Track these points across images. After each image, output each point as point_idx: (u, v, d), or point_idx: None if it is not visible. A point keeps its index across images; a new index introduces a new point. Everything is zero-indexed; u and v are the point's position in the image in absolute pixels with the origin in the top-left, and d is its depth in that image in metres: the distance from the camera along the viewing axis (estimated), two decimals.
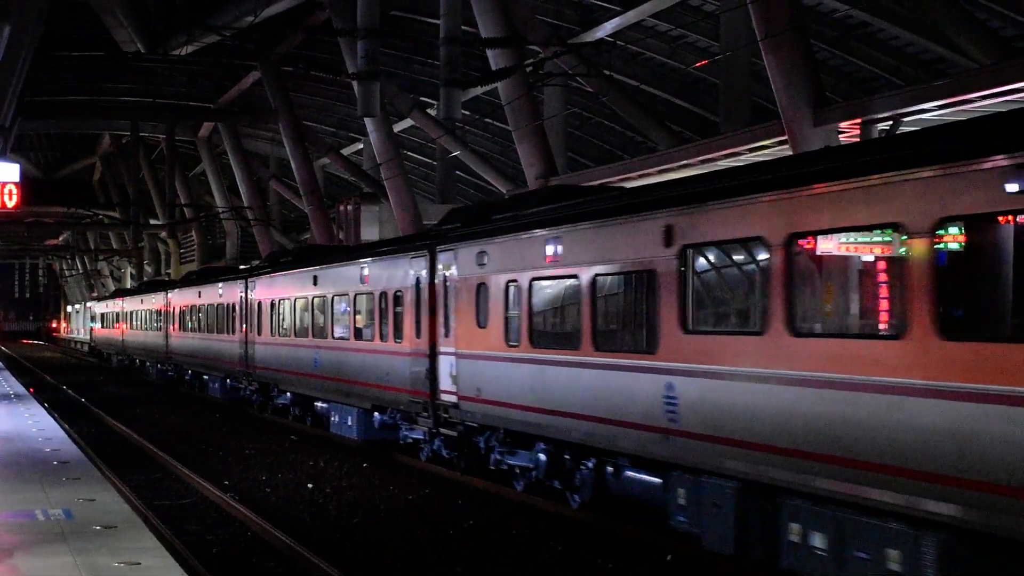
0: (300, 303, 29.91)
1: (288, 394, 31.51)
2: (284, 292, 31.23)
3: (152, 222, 73.57)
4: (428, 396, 21.20)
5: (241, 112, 56.84)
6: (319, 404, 29.31)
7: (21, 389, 38.73)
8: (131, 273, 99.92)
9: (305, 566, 14.21)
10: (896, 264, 10.74)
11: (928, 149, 10.52)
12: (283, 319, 31.38)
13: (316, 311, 28.82)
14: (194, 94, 56.95)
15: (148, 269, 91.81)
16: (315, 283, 28.51)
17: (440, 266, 20.82)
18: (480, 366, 19.10)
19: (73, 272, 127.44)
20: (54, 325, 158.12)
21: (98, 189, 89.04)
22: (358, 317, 25.95)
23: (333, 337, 27.34)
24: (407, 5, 38.56)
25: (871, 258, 11.48)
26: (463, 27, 29.63)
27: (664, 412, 14.07)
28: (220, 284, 38.68)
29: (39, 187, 76.95)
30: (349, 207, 44.26)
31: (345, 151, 57.23)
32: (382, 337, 24.05)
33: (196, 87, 55.82)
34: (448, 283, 20.46)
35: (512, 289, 18.09)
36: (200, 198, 72.01)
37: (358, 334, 25.81)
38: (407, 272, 22.43)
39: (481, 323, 19.10)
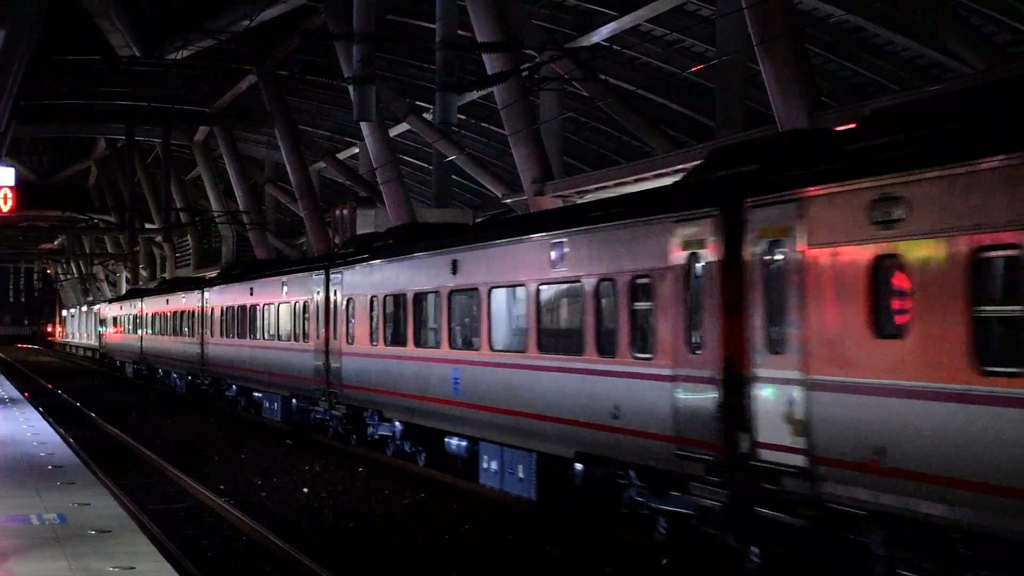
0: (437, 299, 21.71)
1: (397, 424, 23.85)
2: (408, 285, 22.74)
3: (147, 226, 73.51)
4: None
5: (237, 116, 56.79)
6: (459, 443, 21.06)
7: (16, 394, 38.69)
8: (127, 277, 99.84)
9: (301, 570, 14.19)
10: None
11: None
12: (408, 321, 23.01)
13: (456, 308, 20.98)
14: (190, 98, 56.90)
15: (143, 273, 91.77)
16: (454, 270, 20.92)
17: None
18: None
19: (68, 276, 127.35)
20: (49, 329, 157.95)
21: (93, 193, 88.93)
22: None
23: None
24: (403, 9, 38.54)
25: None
26: (459, 31, 29.60)
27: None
28: (287, 278, 31.96)
29: (34, 191, 76.86)
30: (345, 211, 44.23)
31: (341, 155, 57.19)
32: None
33: (192, 91, 55.76)
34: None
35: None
36: (196, 202, 71.95)
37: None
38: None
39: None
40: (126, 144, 62.39)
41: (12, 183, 27.55)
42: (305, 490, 20.93)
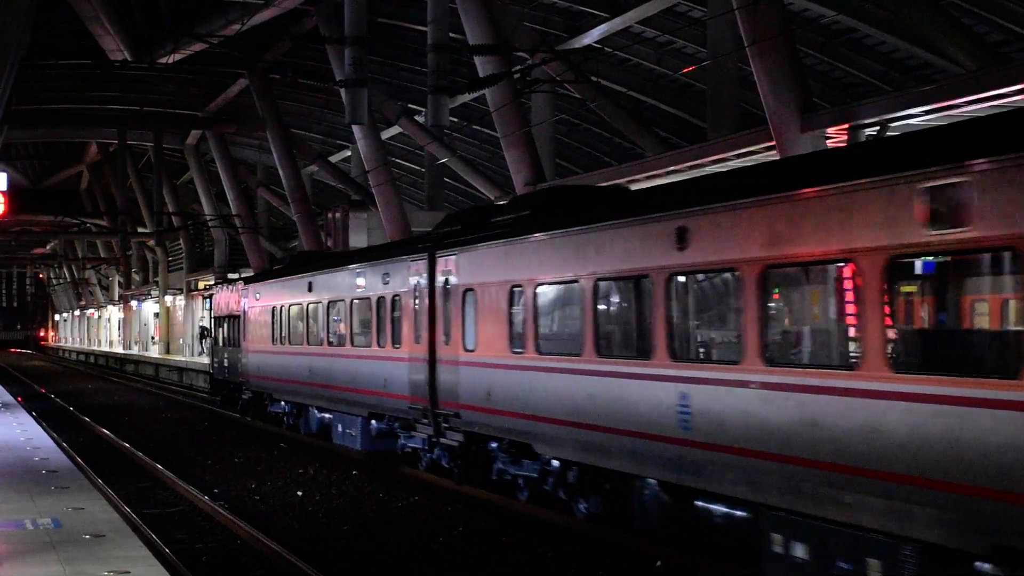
0: None
1: (554, 461, 17.49)
2: (586, 267, 16.26)
3: (140, 230, 73.45)
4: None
5: (228, 120, 56.79)
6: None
7: (9, 398, 38.61)
8: (119, 281, 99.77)
9: (294, 573, 14.19)
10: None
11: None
12: None
13: None
14: (181, 102, 56.86)
15: (136, 277, 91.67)
16: None
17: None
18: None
19: (61, 281, 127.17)
20: (42, 334, 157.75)
21: (85, 197, 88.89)
22: None
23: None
24: (394, 12, 38.55)
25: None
26: (451, 34, 29.62)
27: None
28: (364, 267, 24.90)
29: (26, 196, 76.81)
30: (337, 215, 44.22)
31: (333, 158, 57.19)
32: None
33: (183, 95, 55.73)
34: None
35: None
36: (188, 206, 71.93)
37: None
38: None
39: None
40: (118, 148, 62.39)
41: (4, 188, 27.50)
42: (299, 493, 20.92)
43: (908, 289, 11.06)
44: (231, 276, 55.32)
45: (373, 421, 24.59)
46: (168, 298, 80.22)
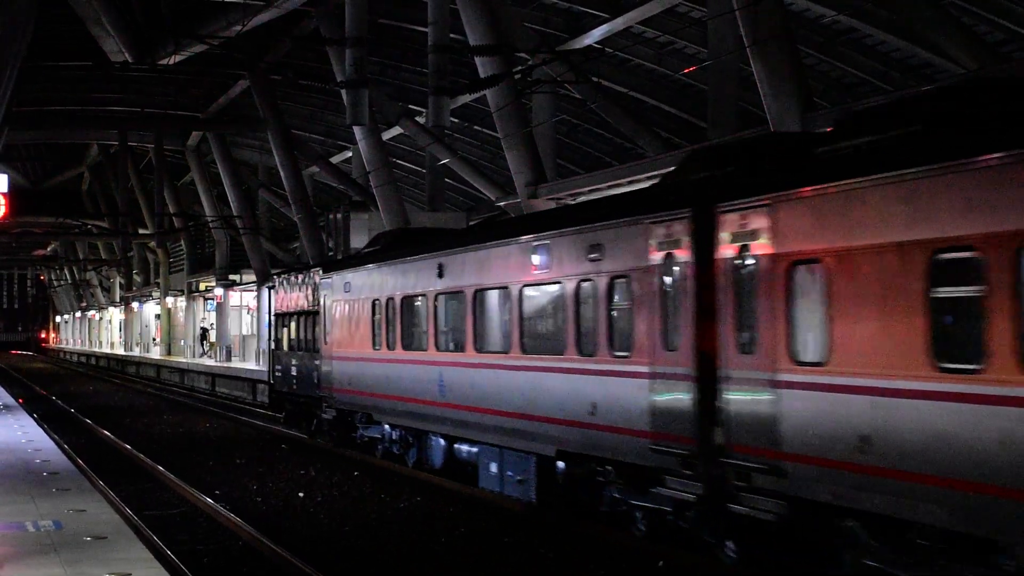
0: None
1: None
2: None
3: (141, 232, 73.47)
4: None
5: (229, 121, 56.81)
6: None
7: (10, 400, 38.62)
8: (120, 283, 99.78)
9: (296, 575, 14.19)
10: None
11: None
12: None
13: None
14: (182, 103, 56.88)
15: (137, 279, 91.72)
16: None
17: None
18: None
19: (62, 282, 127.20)
20: (43, 336, 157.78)
21: (86, 199, 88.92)
22: None
23: None
24: (395, 13, 38.56)
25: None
26: (451, 35, 29.63)
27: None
28: (543, 240, 17.54)
29: (27, 197, 76.81)
30: (338, 215, 44.23)
31: (334, 159, 57.20)
32: None
33: (184, 96, 55.75)
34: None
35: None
36: (189, 207, 71.97)
37: None
38: None
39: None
40: (119, 150, 62.47)
41: (5, 189, 27.54)
42: (300, 494, 20.92)
43: None
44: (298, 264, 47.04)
45: (561, 463, 16.95)
46: (169, 299, 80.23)
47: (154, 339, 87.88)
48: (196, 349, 72.82)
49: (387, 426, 24.05)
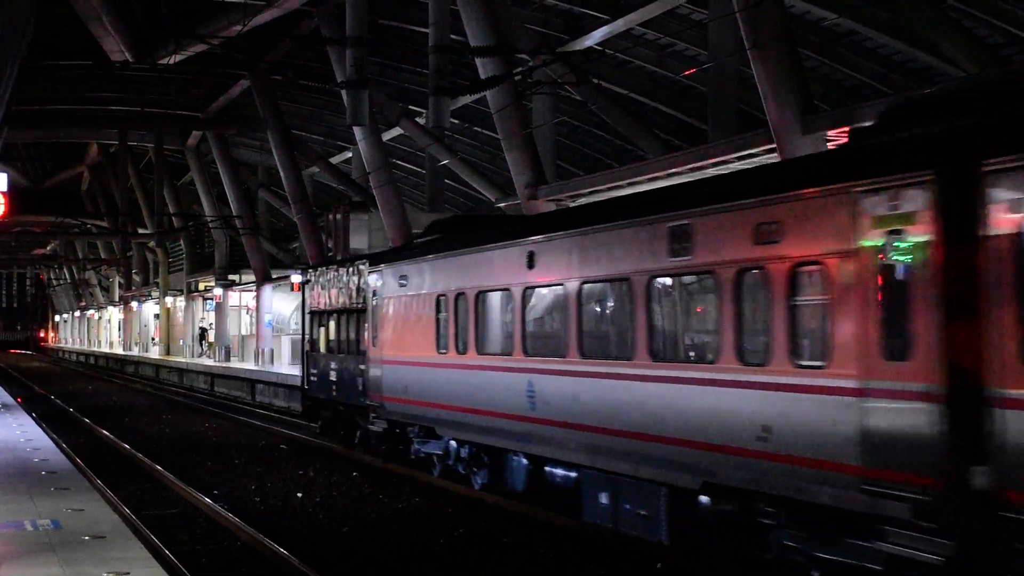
0: None
1: None
2: None
3: (140, 231, 73.46)
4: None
5: (230, 121, 56.80)
6: None
7: (9, 399, 38.61)
8: (119, 282, 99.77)
9: (295, 575, 14.18)
10: None
11: None
12: None
13: None
14: (182, 103, 56.88)
15: (136, 278, 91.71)
16: None
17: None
18: None
19: (61, 282, 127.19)
20: (42, 335, 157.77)
21: (86, 198, 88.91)
22: None
23: None
24: (395, 14, 38.55)
25: None
26: (452, 35, 29.62)
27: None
28: (709, 216, 13.78)
29: (27, 196, 76.81)
30: (338, 216, 44.23)
31: (334, 160, 57.20)
32: None
33: (184, 96, 55.75)
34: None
35: None
36: (188, 207, 72.01)
37: None
38: None
39: None
40: (119, 149, 62.47)
41: (5, 188, 27.50)
42: (299, 495, 20.92)
43: None
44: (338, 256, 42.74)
45: (706, 497, 13.60)
46: (168, 299, 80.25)
47: (153, 339, 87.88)
48: (195, 349, 72.82)
49: (453, 442, 20.63)
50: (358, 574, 14.64)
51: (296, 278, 52.68)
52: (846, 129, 20.39)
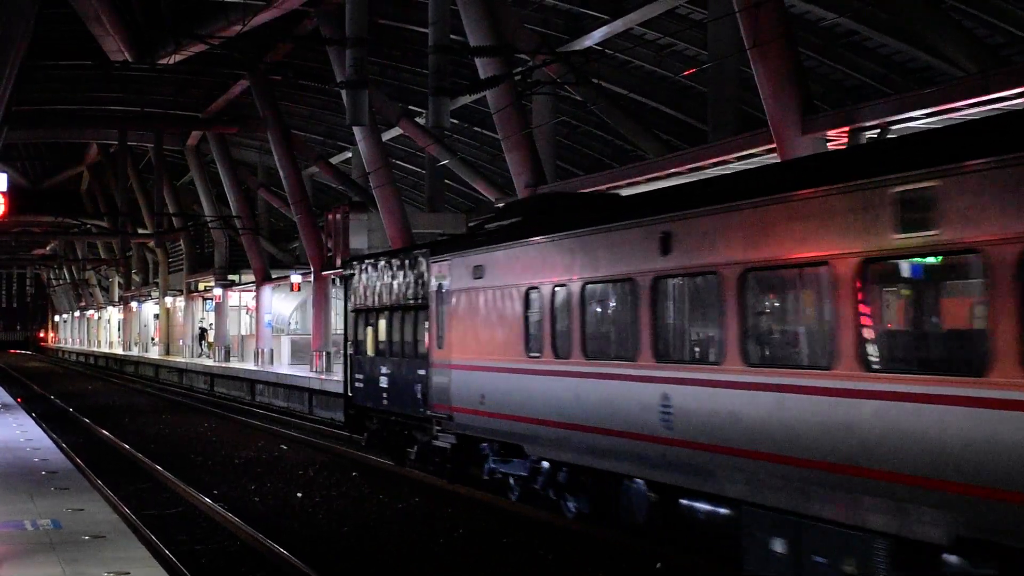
0: None
1: None
2: None
3: (140, 231, 73.47)
4: None
5: (229, 121, 56.80)
6: None
7: (9, 399, 38.60)
8: (119, 283, 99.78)
9: (295, 575, 14.18)
10: None
11: None
12: None
13: None
14: (182, 103, 56.88)
15: (136, 278, 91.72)
16: None
17: None
18: None
19: (60, 282, 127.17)
20: (42, 335, 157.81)
21: (86, 198, 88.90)
22: None
23: None
24: (395, 14, 38.56)
25: None
26: (451, 36, 29.62)
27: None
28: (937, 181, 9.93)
29: (27, 197, 76.83)
30: (338, 216, 44.23)
31: (333, 160, 57.21)
32: None
33: (184, 96, 55.76)
34: None
35: None
36: (188, 207, 72.03)
37: None
38: None
39: None
40: (119, 149, 62.43)
41: (4, 188, 27.49)
42: (299, 495, 20.91)
43: None
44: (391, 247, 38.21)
45: (955, 557, 9.99)
46: (168, 299, 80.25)
47: (153, 339, 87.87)
48: (195, 349, 72.82)
49: (545, 462, 17.64)
50: (358, 574, 14.64)
51: (296, 278, 52.82)
52: (845, 129, 20.45)
